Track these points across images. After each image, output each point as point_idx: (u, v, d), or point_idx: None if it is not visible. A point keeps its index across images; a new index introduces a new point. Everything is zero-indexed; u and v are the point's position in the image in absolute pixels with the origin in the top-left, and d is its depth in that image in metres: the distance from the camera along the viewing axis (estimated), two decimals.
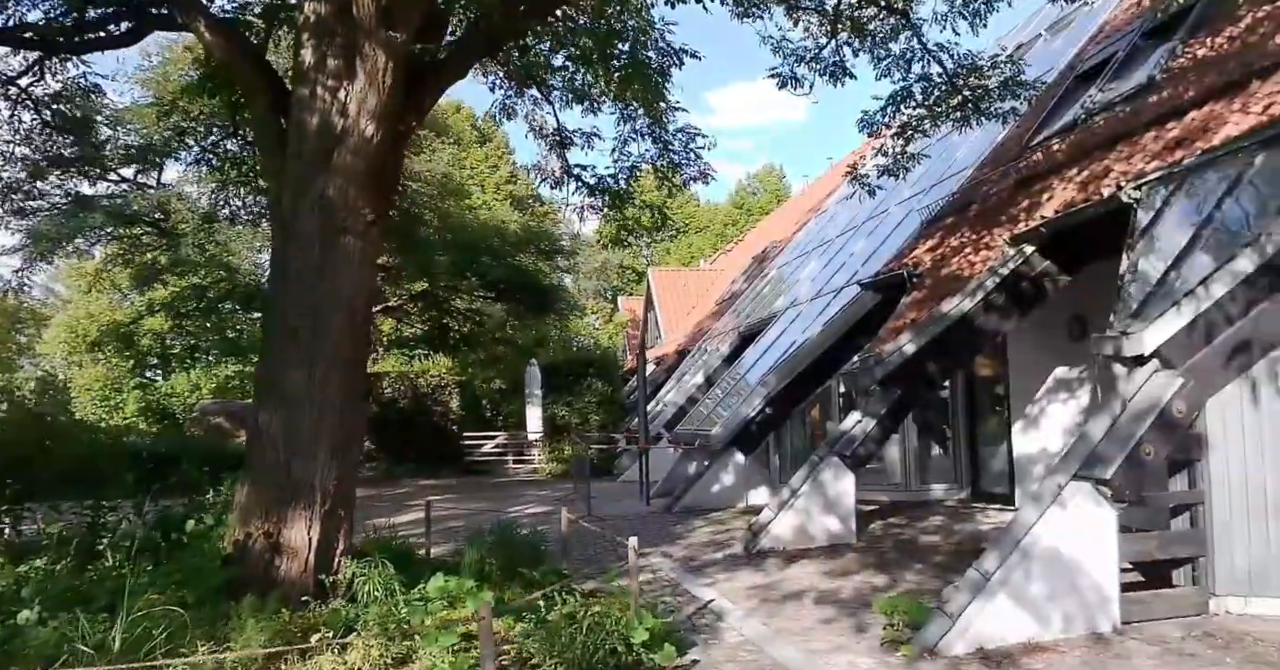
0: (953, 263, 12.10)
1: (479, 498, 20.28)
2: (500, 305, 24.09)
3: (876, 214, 19.45)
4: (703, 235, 63.48)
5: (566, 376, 24.82)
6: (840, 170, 32.51)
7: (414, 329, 29.90)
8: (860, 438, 11.07)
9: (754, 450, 15.88)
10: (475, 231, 21.38)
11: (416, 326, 27.77)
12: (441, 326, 27.46)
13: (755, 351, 18.82)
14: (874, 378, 10.98)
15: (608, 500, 18.48)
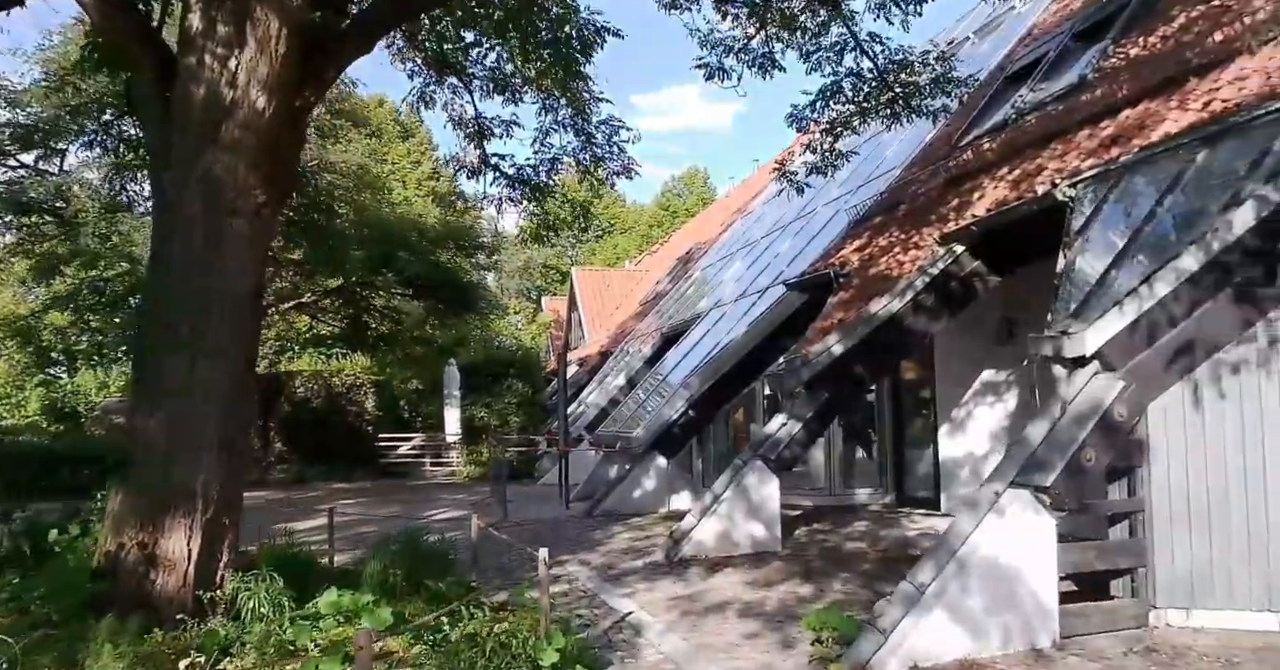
0: (881, 262, 11.81)
1: (393, 501, 19.54)
2: (419, 303, 23.31)
3: (803, 214, 19.19)
4: (628, 236, 63.11)
5: (486, 377, 24.13)
6: (767, 172, 32.34)
7: (330, 327, 28.92)
8: (785, 441, 10.69)
9: (676, 453, 15.46)
10: (392, 226, 20.58)
11: (332, 324, 26.82)
12: (359, 324, 26.59)
13: (678, 353, 18.41)
14: (800, 379, 10.61)
15: (527, 504, 17.91)
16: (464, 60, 12.34)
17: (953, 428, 13.15)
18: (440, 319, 24.00)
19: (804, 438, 10.80)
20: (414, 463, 27.01)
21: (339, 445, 25.47)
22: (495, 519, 15.17)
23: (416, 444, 26.98)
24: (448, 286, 21.01)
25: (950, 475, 13.17)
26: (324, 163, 19.73)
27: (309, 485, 24.27)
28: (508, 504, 16.87)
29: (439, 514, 16.99)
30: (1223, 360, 6.40)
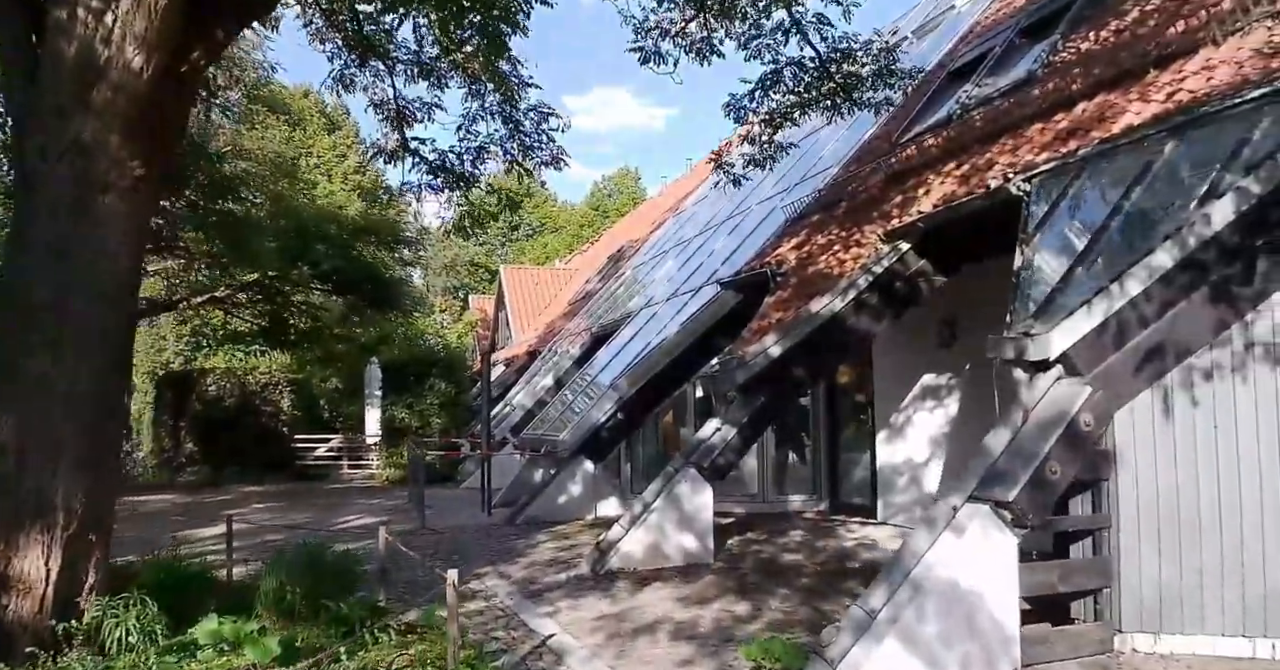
0: (820, 261, 11.29)
1: (306, 506, 18.59)
2: (338, 299, 22.31)
3: (738, 212, 18.68)
4: (559, 236, 62.30)
5: (408, 376, 23.22)
6: (700, 171, 31.86)
7: (247, 323, 27.69)
8: (719, 447, 10.10)
9: (604, 458, 14.80)
10: (310, 217, 19.59)
11: (247, 320, 25.62)
12: (279, 321, 25.44)
13: (608, 353, 17.77)
14: (735, 382, 10.04)
15: (447, 510, 17.11)
16: (386, 43, 11.60)
17: (891, 433, 12.70)
18: (361, 316, 23.00)
19: (739, 444, 10.22)
20: (332, 465, 26.00)
21: (253, 446, 24.35)
22: (412, 526, 14.39)
23: (335, 445, 25.96)
24: (368, 282, 20.07)
25: (888, 483, 12.72)
26: (239, 149, 18.69)
27: (220, 488, 23.14)
28: (426, 510, 16.08)
29: (354, 520, 16.15)
30: (1195, 365, 5.94)
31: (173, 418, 25.72)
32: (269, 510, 18.13)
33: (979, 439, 10.84)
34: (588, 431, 14.26)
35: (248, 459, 24.32)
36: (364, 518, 16.41)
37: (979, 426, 11.04)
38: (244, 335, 29.69)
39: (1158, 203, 6.24)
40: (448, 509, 17.26)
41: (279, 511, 17.82)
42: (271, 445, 24.92)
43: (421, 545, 12.43)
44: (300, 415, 26.69)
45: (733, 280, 13.50)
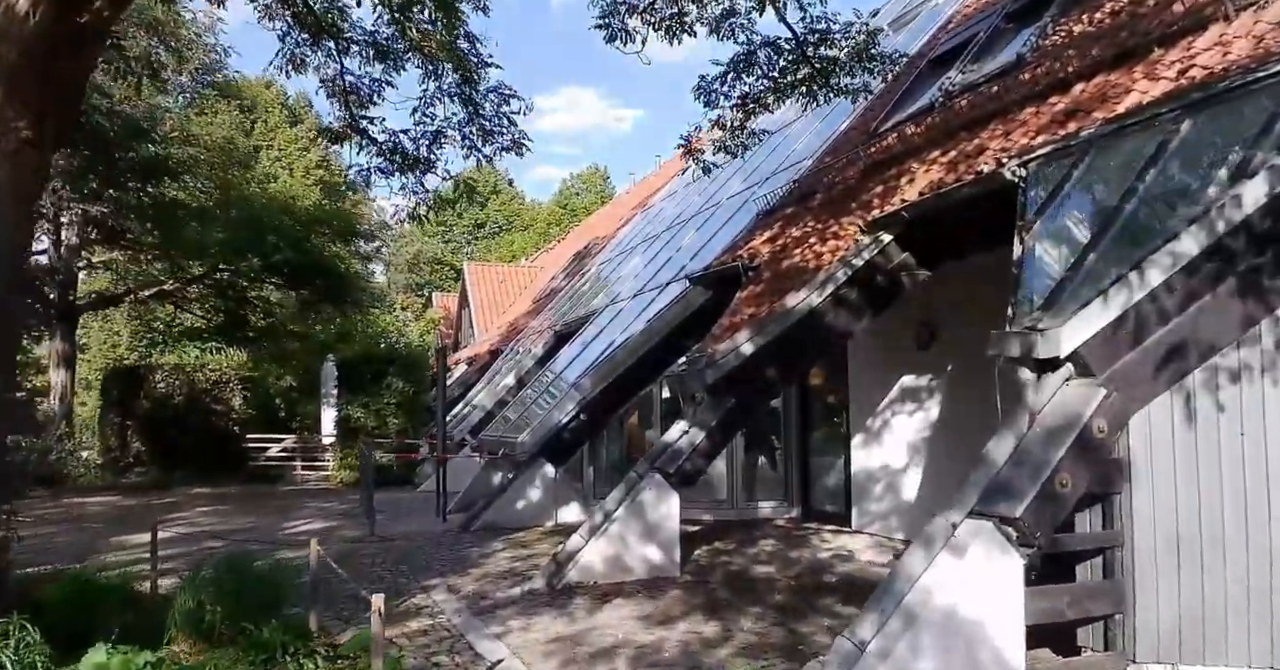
0: (795, 254, 10.65)
1: (254, 510, 17.73)
2: (293, 293, 21.42)
3: (708, 207, 18.02)
4: (526, 234, 61.41)
5: (364, 375, 22.34)
6: (669, 169, 31.20)
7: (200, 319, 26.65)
8: (687, 452, 9.42)
9: (566, 461, 14.08)
10: (261, 207, 18.68)
11: (199, 315, 24.68)
12: (236, 317, 24.49)
13: (571, 352, 17.06)
14: (705, 381, 9.36)
15: (400, 515, 16.33)
16: (339, 20, 10.86)
17: (867, 438, 12.08)
18: (316, 311, 22.12)
19: (708, 448, 9.54)
20: (285, 466, 25.07)
21: (203, 446, 23.36)
22: (361, 533, 13.60)
23: (288, 446, 25.03)
24: (322, 275, 19.20)
25: (863, 489, 12.10)
26: (186, 135, 17.80)
27: (168, 490, 22.18)
28: (378, 515, 15.31)
29: (302, 525, 15.33)
30: (1220, 365, 5.32)
31: (120, 416, 24.70)
32: (215, 514, 17.26)
33: (961, 445, 10.25)
34: (548, 433, 13.54)
35: (197, 459, 23.34)
36: (313, 522, 15.61)
37: (961, 432, 10.45)
38: (200, 332, 28.73)
39: (1176, 185, 5.62)
40: (401, 514, 16.48)
41: (225, 515, 16.97)
42: (222, 445, 23.92)
43: (369, 554, 11.67)
44: (255, 414, 25.77)
45: (702, 275, 12.83)
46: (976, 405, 10.17)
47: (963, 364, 10.42)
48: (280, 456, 24.93)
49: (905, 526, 11.22)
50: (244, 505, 18.76)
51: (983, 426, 10.04)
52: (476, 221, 63.64)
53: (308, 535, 14.15)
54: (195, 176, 18.19)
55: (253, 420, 25.53)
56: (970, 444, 10.32)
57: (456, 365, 32.07)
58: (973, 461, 5.31)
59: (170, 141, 17.67)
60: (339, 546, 12.49)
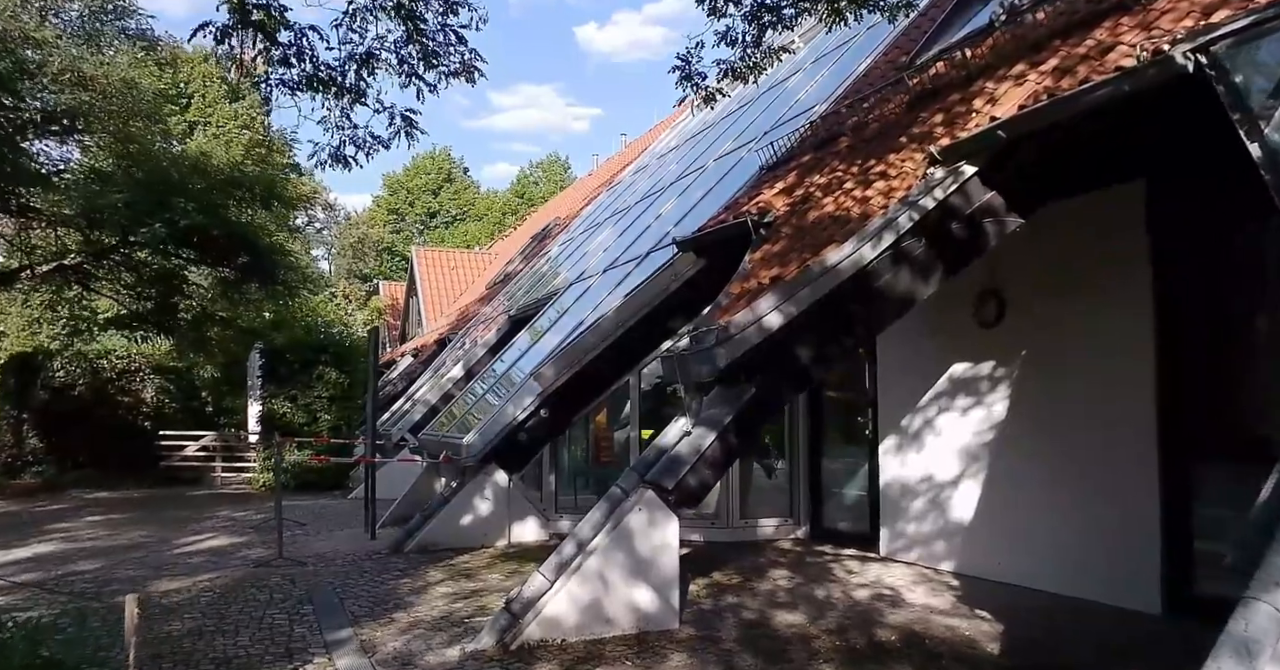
0: (826, 204, 8.21)
1: (154, 520, 15.02)
2: (209, 270, 18.57)
3: (689, 172, 15.56)
4: (481, 224, 58.60)
5: (293, 364, 19.59)
6: (637, 148, 28.71)
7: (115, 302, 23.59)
8: (689, 460, 6.88)
9: (522, 467, 11.54)
10: (169, 164, 15.82)
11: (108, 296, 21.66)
12: (164, 303, 21.48)
13: (528, 338, 14.53)
14: (716, 365, 6.87)
15: (324, 528, 13.73)
16: None
17: (902, 441, 9.67)
18: (238, 292, 19.32)
19: (718, 455, 7.01)
20: (204, 467, 22.24)
21: (107, 443, 20.56)
22: (269, 553, 10.97)
23: (208, 444, 22.16)
24: (239, 248, 16.41)
25: (895, 506, 9.69)
26: (78, 76, 14.97)
27: (62, 493, 19.36)
28: (297, 529, 12.78)
29: (203, 541, 12.66)
30: None
31: (17, 409, 21.78)
32: (105, 525, 14.54)
33: (1045, 450, 7.85)
34: (501, 433, 11.00)
35: (101, 459, 20.54)
36: (217, 537, 12.94)
37: (1043, 433, 8.08)
38: (127, 319, 25.60)
39: None
40: (325, 526, 13.88)
41: (115, 527, 14.25)
42: (131, 442, 21.09)
43: (268, 587, 9.06)
44: (178, 409, 22.98)
45: (694, 237, 10.35)
46: (1069, 398, 7.86)
47: (1046, 345, 8.04)
48: (198, 456, 22.09)
49: (957, 556, 8.82)
50: (143, 513, 16.02)
51: (1079, 425, 7.73)
52: (429, 210, 60.75)
53: (205, 555, 11.49)
54: (87, 125, 15.32)
55: (177, 416, 22.77)
56: (1060, 448, 7.88)
57: (401, 358, 29.38)
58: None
59: (61, 85, 14.83)
60: (235, 573, 9.90)
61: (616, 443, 14.02)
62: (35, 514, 16.36)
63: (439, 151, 62.92)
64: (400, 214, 60.47)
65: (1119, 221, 7.32)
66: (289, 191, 17.78)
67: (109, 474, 20.53)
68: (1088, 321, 7.64)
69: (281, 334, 21.31)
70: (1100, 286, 7.54)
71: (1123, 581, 7.18)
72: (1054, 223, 7.27)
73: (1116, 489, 7.29)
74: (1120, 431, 7.34)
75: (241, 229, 16.14)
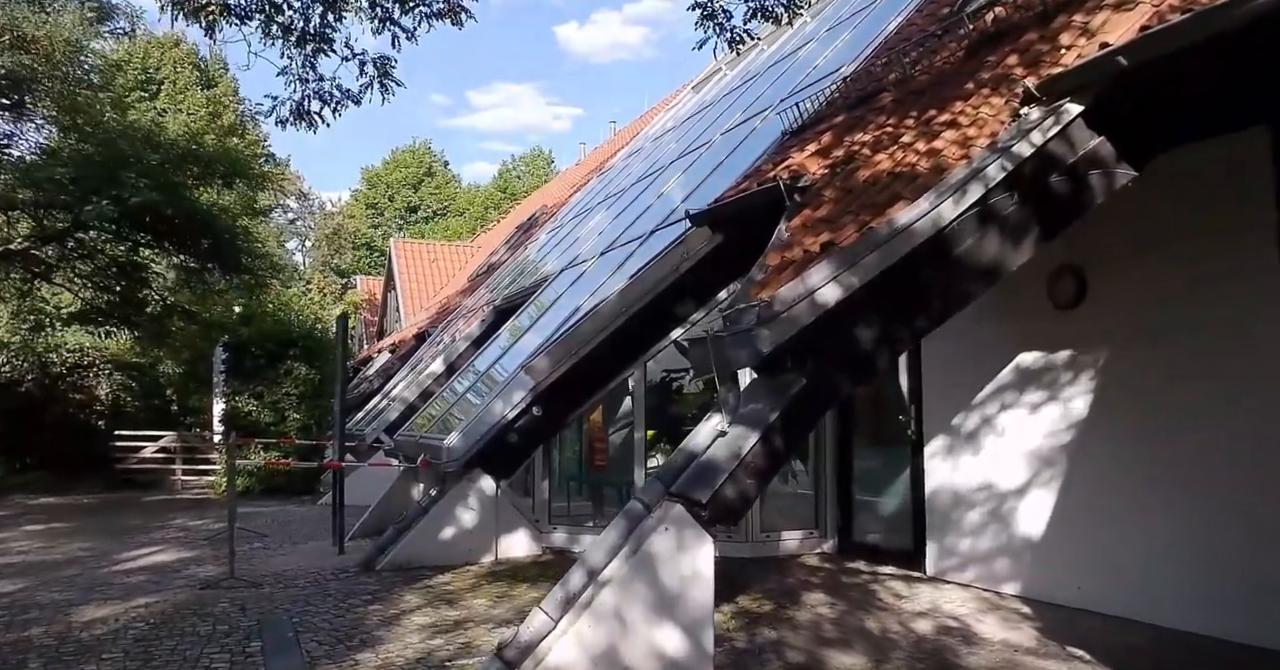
0: (880, 160, 6.89)
1: (98, 530, 13.59)
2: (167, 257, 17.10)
3: (693, 149, 14.23)
4: (463, 219, 56.99)
5: (259, 358, 18.12)
6: (626, 135, 27.35)
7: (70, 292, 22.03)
8: (727, 466, 5.52)
9: (511, 473, 10.19)
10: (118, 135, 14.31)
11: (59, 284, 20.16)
12: (128, 295, 19.94)
13: (516, 329, 13.15)
14: (758, 349, 5.50)
15: (286, 540, 12.34)
16: None
17: (954, 443, 8.36)
18: (200, 280, 17.85)
19: (763, 460, 5.64)
20: (163, 470, 20.72)
21: (56, 444, 19.03)
22: (219, 571, 9.56)
23: (167, 445, 20.64)
24: (197, 231, 14.93)
25: (945, 518, 8.38)
26: (17, 37, 13.51)
27: (3, 499, 17.81)
28: (254, 542, 11.42)
29: (148, 556, 11.25)
30: None
31: None
32: (43, 536, 13.09)
33: (1140, 454, 6.56)
34: (488, 434, 9.63)
35: (50, 461, 19.02)
36: (165, 551, 11.52)
37: (1140, 434, 6.81)
38: (90, 314, 23.98)
39: None
40: (289, 538, 12.48)
41: (55, 538, 12.82)
42: (83, 443, 19.55)
43: (211, 615, 7.66)
44: (136, 406, 21.46)
45: (710, 209, 9.02)
46: (1174, 392, 6.56)
47: (1142, 329, 6.75)
48: (156, 458, 20.57)
49: (1024, 577, 7.52)
50: (89, 522, 14.56)
51: (1187, 424, 6.44)
52: (408, 205, 59.10)
53: (145, 574, 10.04)
54: (31, 95, 13.85)
55: (139, 414, 21.24)
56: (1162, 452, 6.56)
57: (378, 354, 27.92)
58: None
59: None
60: (177, 596, 8.52)
61: (614, 445, 12.71)
62: None
63: (419, 144, 61.41)
64: (379, 209, 58.80)
65: (1239, 174, 6.05)
66: (253, 168, 16.31)
67: (59, 477, 19.03)
68: (1202, 297, 6.35)
69: (250, 328, 19.83)
70: (1217, 255, 6.25)
71: (1252, 613, 5.89)
72: (1149, 180, 5.97)
73: (1243, 500, 5.99)
74: (1242, 431, 6.06)
75: (198, 209, 14.66)
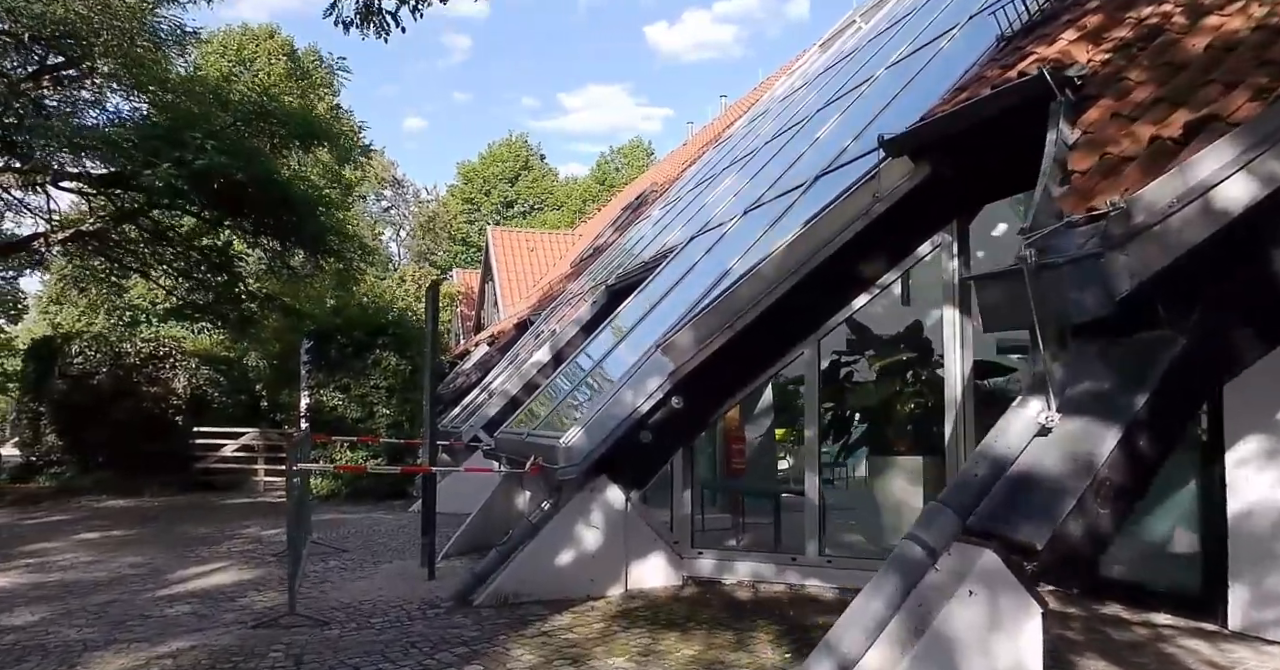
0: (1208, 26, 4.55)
1: (161, 539, 11.89)
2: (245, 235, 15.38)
3: (846, 92, 11.89)
4: (560, 212, 55.24)
5: (345, 348, 16.29)
6: (742, 106, 25.03)
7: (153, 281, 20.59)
8: (1071, 484, 3.24)
9: (646, 480, 7.99)
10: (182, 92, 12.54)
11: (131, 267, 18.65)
12: (225, 289, 18.41)
13: (638, 307, 10.99)
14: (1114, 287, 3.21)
15: (368, 555, 10.36)
16: None
17: (1270, 449, 5.89)
18: (284, 263, 16.11)
19: (1125, 473, 3.32)
20: (245, 469, 19.11)
21: (130, 442, 17.46)
22: (275, 601, 7.58)
23: (249, 443, 19.00)
24: (275, 202, 13.10)
25: (1262, 550, 5.91)
26: None
27: (70, 501, 16.35)
28: (331, 560, 9.47)
29: (203, 576, 9.36)
30: None
31: (35, 399, 18.93)
32: (96, 546, 11.40)
33: None
34: (615, 431, 7.48)
35: (122, 459, 17.49)
36: (227, 570, 9.62)
37: None
38: (186, 309, 22.54)
39: None
40: (371, 554, 10.48)
41: (108, 549, 11.10)
42: (158, 441, 17.95)
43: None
44: (223, 401, 19.93)
45: (916, 130, 6.74)
46: None
47: None
48: (238, 457, 18.95)
49: None
50: (152, 529, 12.86)
51: None
52: (505, 199, 57.56)
53: (191, 602, 8.05)
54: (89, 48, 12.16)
55: (226, 410, 19.72)
56: None
57: (476, 347, 26.12)
58: None
59: None
60: (219, 639, 6.56)
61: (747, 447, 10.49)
62: (23, 528, 13.32)
63: (515, 138, 59.90)
64: (475, 204, 57.38)
65: None
66: (335, 129, 14.42)
67: (131, 477, 17.49)
68: None
69: (340, 318, 18.11)
70: None
71: None
72: None
73: None
74: None
75: (275, 176, 12.79)
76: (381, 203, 39.52)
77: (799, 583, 7.61)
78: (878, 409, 8.44)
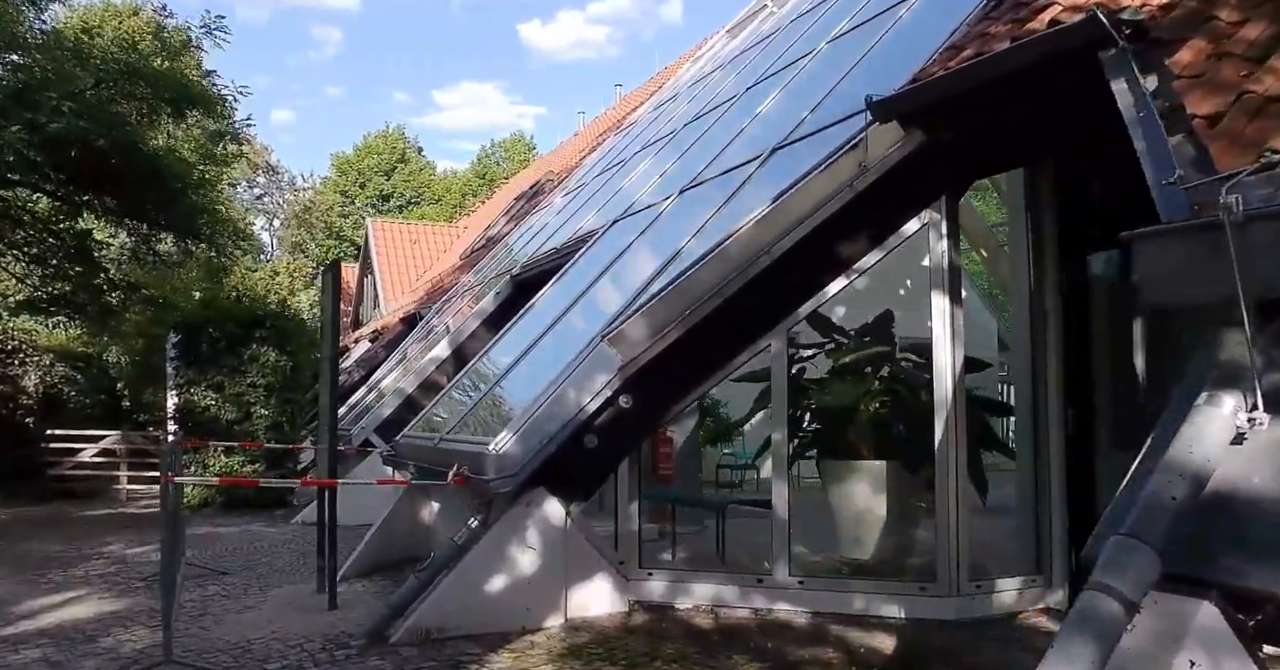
0: None
1: (6, 558, 10.23)
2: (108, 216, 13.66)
3: (783, 68, 11.09)
4: (439, 206, 53.36)
5: (218, 341, 14.69)
6: (638, 96, 24.13)
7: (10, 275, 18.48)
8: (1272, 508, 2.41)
9: (590, 492, 6.97)
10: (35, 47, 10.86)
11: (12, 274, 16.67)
12: (83, 279, 16.44)
13: (559, 295, 9.92)
14: None
15: (252, 579, 8.98)
16: None
17: None
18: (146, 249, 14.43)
19: None
20: (106, 477, 17.24)
21: None
22: (147, 644, 6.27)
23: (110, 447, 17.13)
24: (142, 176, 11.53)
25: None
26: None
27: None
28: (210, 584, 8.14)
29: (57, 607, 7.90)
30: None
31: None
32: None
33: None
34: (555, 437, 6.43)
35: None
36: (86, 599, 8.16)
37: None
38: (42, 301, 20.23)
39: None
40: (257, 576, 9.11)
41: None
42: (7, 445, 16.03)
43: None
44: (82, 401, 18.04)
45: (912, 90, 5.91)
46: None
47: None
48: (98, 463, 17.09)
49: None
50: None
51: None
52: (381, 192, 55.37)
53: (41, 645, 6.56)
54: None
55: (84, 411, 17.82)
56: None
57: (356, 343, 24.56)
58: None
59: None
60: None
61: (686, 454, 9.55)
62: None
63: (391, 130, 57.76)
64: (350, 196, 55.04)
65: None
66: (211, 94, 12.86)
67: None
68: None
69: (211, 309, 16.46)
70: None
71: None
72: None
73: None
74: None
75: (141, 146, 11.24)
76: (254, 190, 37.24)
77: (765, 607, 6.67)
78: (846, 410, 7.58)
